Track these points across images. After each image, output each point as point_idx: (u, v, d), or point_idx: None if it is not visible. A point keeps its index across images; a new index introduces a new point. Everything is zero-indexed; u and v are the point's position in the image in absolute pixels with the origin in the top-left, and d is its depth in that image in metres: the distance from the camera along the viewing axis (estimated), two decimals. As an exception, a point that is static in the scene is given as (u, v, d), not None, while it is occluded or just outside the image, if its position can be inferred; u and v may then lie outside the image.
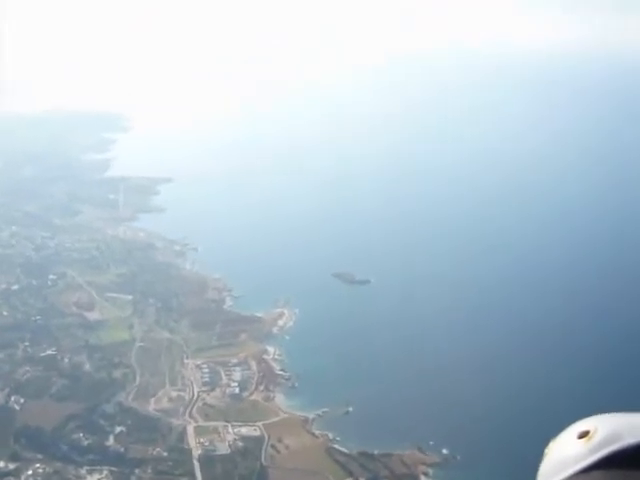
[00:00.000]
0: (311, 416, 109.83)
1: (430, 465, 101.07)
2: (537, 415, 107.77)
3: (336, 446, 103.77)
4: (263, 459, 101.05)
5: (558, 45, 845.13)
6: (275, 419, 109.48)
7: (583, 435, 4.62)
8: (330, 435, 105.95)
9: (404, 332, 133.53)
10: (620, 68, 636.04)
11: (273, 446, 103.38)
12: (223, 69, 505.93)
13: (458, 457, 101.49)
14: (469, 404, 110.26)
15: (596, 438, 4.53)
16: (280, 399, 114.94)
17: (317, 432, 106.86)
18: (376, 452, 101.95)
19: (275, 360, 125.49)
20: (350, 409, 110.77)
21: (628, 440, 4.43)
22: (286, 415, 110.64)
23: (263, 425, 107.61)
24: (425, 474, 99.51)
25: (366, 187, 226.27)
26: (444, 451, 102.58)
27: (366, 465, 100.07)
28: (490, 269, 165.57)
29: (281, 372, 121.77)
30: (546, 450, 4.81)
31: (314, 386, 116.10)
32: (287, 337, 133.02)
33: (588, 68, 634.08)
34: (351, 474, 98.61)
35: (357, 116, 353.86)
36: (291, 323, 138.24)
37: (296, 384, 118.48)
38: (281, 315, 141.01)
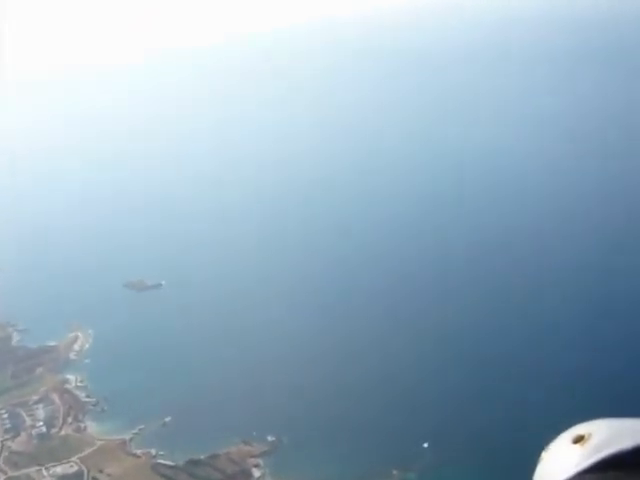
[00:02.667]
0: (128, 437, 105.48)
1: (259, 455, 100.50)
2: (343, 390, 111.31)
3: (161, 461, 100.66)
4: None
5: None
6: (91, 449, 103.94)
7: (578, 440, 4.57)
8: (152, 451, 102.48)
9: (204, 332, 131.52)
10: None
11: (95, 478, 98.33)
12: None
13: (285, 441, 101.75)
14: (278, 392, 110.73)
15: (591, 442, 4.51)
16: (92, 427, 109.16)
17: (138, 452, 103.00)
18: (203, 456, 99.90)
19: (78, 388, 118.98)
20: (167, 419, 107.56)
21: (623, 444, 4.41)
22: (102, 442, 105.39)
23: (79, 459, 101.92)
24: (256, 466, 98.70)
25: (141, 190, 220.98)
26: (269, 438, 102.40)
27: (195, 473, 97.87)
28: (285, 262, 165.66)
29: (87, 399, 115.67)
30: (541, 455, 4.74)
31: (125, 405, 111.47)
32: (87, 360, 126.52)
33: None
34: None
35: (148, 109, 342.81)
36: (88, 345, 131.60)
37: (105, 407, 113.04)
38: (76, 339, 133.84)
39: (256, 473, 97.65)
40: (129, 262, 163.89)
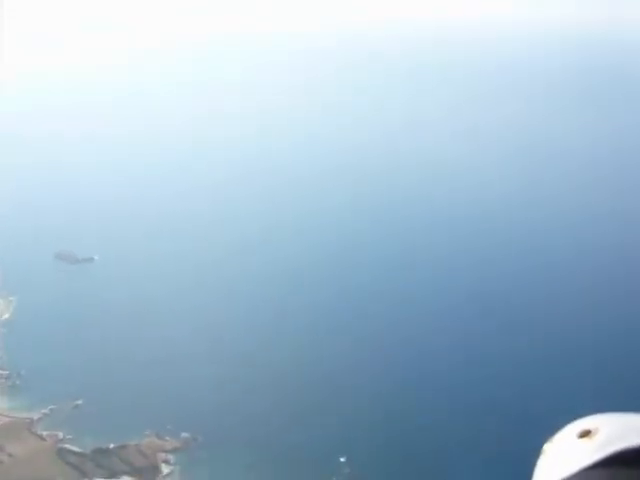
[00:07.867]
0: (36, 416, 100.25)
1: (170, 451, 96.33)
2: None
3: (67, 446, 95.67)
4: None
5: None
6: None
7: (584, 434, 4.43)
8: (60, 435, 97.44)
9: (133, 314, 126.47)
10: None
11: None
12: None
13: (199, 438, 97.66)
14: (203, 388, 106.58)
15: (599, 437, 4.34)
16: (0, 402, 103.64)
17: (45, 433, 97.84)
18: (112, 446, 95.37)
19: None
20: (79, 402, 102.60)
21: (632, 441, 4.24)
22: (8, 419, 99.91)
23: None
24: (166, 462, 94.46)
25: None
26: (184, 434, 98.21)
27: (101, 462, 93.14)
28: (222, 244, 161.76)
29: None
30: (544, 449, 4.59)
31: (40, 382, 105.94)
32: (3, 330, 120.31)
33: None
34: (85, 475, 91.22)
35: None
36: (7, 314, 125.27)
37: (17, 382, 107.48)
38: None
39: (165, 469, 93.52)
40: (64, 234, 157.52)
